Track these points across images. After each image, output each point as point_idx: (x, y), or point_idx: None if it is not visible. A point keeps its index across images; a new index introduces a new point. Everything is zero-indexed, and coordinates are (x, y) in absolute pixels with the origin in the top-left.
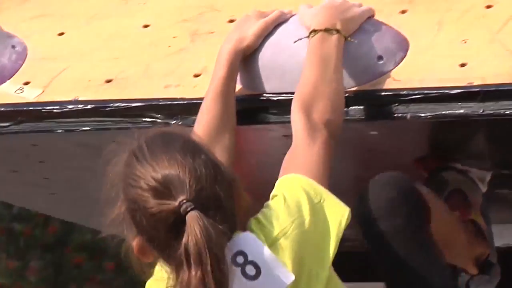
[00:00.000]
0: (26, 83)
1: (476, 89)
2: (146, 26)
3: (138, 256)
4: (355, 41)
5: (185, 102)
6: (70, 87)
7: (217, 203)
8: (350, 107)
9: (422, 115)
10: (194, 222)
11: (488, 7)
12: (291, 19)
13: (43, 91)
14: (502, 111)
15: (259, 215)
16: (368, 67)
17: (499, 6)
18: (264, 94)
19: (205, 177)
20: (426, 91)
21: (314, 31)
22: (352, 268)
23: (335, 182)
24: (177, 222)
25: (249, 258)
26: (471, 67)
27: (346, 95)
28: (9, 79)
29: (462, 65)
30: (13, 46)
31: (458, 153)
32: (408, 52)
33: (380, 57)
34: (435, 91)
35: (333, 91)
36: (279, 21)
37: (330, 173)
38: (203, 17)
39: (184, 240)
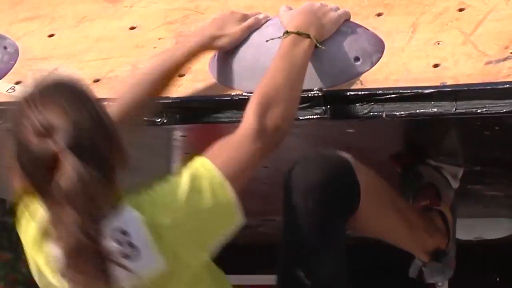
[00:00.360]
0: (18, 83)
1: (449, 89)
2: (132, 28)
3: (21, 196)
4: (323, 47)
5: (170, 100)
6: None
7: (94, 152)
8: (328, 106)
9: (397, 113)
10: (67, 161)
11: (461, 10)
12: (271, 20)
13: None
14: (473, 110)
15: (153, 192)
16: (346, 68)
17: (471, 9)
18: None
19: (85, 126)
20: (401, 91)
21: (287, 32)
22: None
23: None
24: (55, 162)
25: (130, 240)
26: (444, 68)
27: (326, 93)
28: (1, 78)
29: (436, 65)
30: (5, 47)
31: (431, 150)
32: (384, 53)
33: (357, 58)
34: (409, 91)
35: (292, 99)
36: (255, 28)
37: (248, 178)
38: (187, 19)
39: (56, 177)
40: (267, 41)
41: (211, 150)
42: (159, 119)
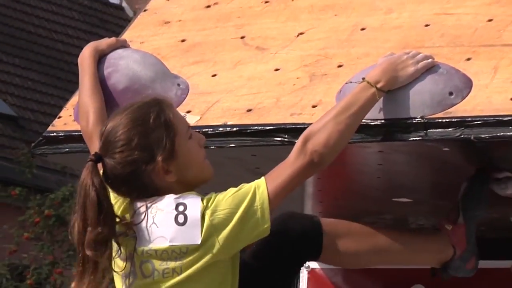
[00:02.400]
0: (188, 111)
1: None
2: (276, 70)
3: None
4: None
5: (305, 126)
6: (221, 114)
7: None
8: (428, 129)
9: (483, 136)
10: (86, 169)
11: None
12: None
13: (200, 117)
14: None
15: (218, 193)
16: (442, 100)
17: None
18: None
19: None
20: (485, 118)
21: (363, 78)
22: None
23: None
24: None
25: (186, 212)
26: None
27: (427, 121)
28: (176, 107)
29: None
30: (178, 84)
31: (510, 164)
32: (472, 89)
33: (451, 93)
34: (492, 118)
35: (337, 131)
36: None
37: (292, 191)
38: (318, 63)
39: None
40: (346, 83)
41: (270, 172)
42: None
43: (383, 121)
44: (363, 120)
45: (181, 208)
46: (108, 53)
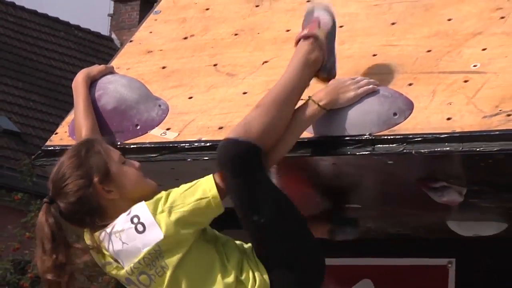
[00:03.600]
0: (168, 129)
1: (457, 135)
2: (244, 93)
3: None
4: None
5: None
6: (196, 131)
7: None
8: (375, 145)
9: (422, 151)
10: (42, 210)
11: (465, 81)
12: None
13: (178, 134)
14: (474, 149)
15: (167, 192)
16: (387, 120)
17: (473, 81)
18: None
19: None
20: (424, 136)
21: (309, 97)
22: None
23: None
24: None
25: (140, 220)
26: (454, 120)
27: (374, 137)
28: (157, 126)
29: (448, 118)
30: (160, 105)
31: (445, 175)
32: (413, 110)
33: (395, 113)
34: (430, 135)
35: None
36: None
37: None
38: None
39: None
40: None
41: None
42: None
43: (336, 137)
44: (319, 136)
45: (135, 220)
46: (99, 78)
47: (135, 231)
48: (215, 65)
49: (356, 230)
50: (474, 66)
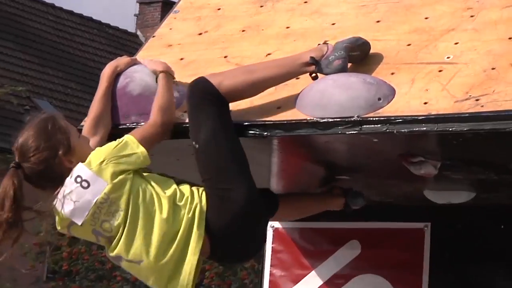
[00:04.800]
0: (185, 111)
1: (433, 116)
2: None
3: None
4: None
5: (271, 122)
6: None
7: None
8: (362, 126)
9: (403, 130)
10: (8, 174)
11: (440, 71)
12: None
13: None
14: (447, 129)
15: (94, 152)
16: (373, 104)
17: (446, 71)
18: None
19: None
20: (405, 117)
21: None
22: None
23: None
24: None
25: (83, 178)
26: (430, 104)
27: (362, 119)
28: (176, 109)
29: (425, 103)
30: (178, 91)
31: (422, 151)
32: (395, 96)
33: (379, 98)
34: (410, 117)
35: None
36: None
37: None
38: None
39: None
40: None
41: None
42: (265, 133)
43: (329, 119)
44: (315, 118)
45: (78, 179)
46: (125, 69)
47: (81, 188)
48: (225, 56)
49: (363, 201)
50: (448, 57)
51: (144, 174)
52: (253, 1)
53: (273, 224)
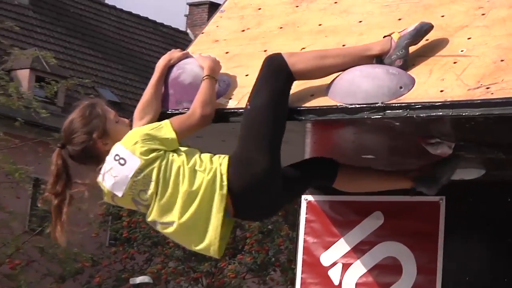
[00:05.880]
0: (230, 98)
1: (448, 103)
2: None
3: None
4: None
5: (305, 108)
6: None
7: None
8: (386, 111)
9: (421, 115)
10: (54, 152)
11: (455, 62)
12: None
13: (238, 102)
14: (461, 114)
15: (132, 131)
16: (395, 92)
17: (460, 62)
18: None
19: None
20: (423, 103)
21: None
22: None
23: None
24: None
25: (120, 156)
26: (446, 92)
27: (385, 105)
28: (222, 96)
29: (441, 91)
30: (224, 81)
31: (439, 133)
32: (415, 85)
33: (401, 87)
34: (428, 103)
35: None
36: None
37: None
38: None
39: None
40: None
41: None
42: (301, 117)
43: (357, 105)
44: (344, 104)
45: (117, 157)
46: (178, 61)
47: (119, 165)
48: (265, 50)
49: (434, 188)
50: (462, 51)
51: (176, 149)
52: (289, 2)
53: (306, 197)
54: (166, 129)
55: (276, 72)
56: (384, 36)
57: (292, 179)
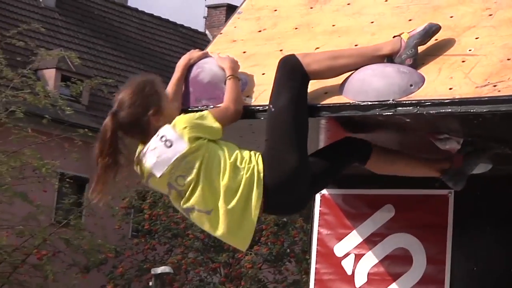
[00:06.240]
0: (248, 96)
1: (457, 100)
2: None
3: None
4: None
5: (321, 105)
6: (267, 98)
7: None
8: (396, 108)
9: (431, 112)
10: (108, 117)
11: (463, 61)
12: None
13: (255, 100)
14: (469, 111)
15: (179, 117)
16: (406, 89)
17: (468, 61)
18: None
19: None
20: (433, 101)
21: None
22: None
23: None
24: None
25: (167, 138)
26: (455, 90)
27: (396, 102)
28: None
29: (450, 88)
30: (241, 79)
31: (447, 129)
32: (425, 83)
33: (411, 85)
34: (437, 100)
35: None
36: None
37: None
38: None
39: None
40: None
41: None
42: (316, 114)
43: (369, 102)
44: (357, 102)
45: (163, 139)
46: (197, 61)
47: (165, 147)
48: (281, 50)
49: (462, 185)
50: (470, 50)
51: (216, 140)
52: (304, 4)
53: (321, 191)
54: (209, 119)
55: (292, 73)
56: (394, 36)
57: (321, 175)
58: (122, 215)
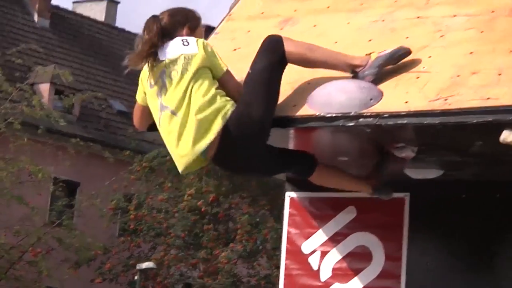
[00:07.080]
0: None
1: (412, 113)
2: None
3: None
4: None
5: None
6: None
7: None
8: (359, 120)
9: (389, 123)
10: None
11: (417, 78)
12: None
13: None
14: (422, 122)
15: (202, 40)
16: (366, 103)
17: (422, 78)
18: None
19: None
20: (390, 113)
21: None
22: None
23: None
24: None
25: (188, 41)
26: (410, 102)
27: (358, 114)
28: None
29: (406, 102)
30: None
31: (403, 139)
32: (383, 97)
33: (371, 99)
34: (394, 113)
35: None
36: None
37: None
38: None
39: None
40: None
41: None
42: (285, 125)
43: (333, 114)
44: (322, 114)
45: (183, 39)
46: None
47: (182, 44)
48: None
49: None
50: (423, 68)
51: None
52: (274, 25)
53: (290, 194)
54: (222, 63)
55: (274, 46)
56: (366, 54)
57: (276, 153)
58: (110, 216)
